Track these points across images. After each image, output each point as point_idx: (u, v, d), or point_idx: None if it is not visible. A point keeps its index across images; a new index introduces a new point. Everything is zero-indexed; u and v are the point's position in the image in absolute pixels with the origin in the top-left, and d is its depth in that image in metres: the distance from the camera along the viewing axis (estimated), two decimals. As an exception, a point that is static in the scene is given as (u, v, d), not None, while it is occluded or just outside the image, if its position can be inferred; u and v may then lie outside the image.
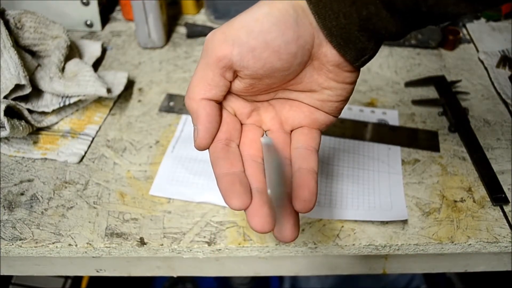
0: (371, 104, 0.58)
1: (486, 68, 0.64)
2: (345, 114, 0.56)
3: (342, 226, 0.43)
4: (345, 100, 0.30)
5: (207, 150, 0.29)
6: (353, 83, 0.29)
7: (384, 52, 0.67)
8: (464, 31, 0.72)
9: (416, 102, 0.58)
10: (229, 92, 0.29)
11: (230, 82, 0.28)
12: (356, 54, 0.26)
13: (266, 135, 0.31)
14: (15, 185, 0.46)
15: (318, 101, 0.30)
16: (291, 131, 0.31)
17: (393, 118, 0.56)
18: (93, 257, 0.42)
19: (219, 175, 0.27)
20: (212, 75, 0.27)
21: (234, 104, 0.30)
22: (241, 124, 0.31)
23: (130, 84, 0.60)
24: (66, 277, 0.79)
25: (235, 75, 0.28)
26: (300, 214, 0.27)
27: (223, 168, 0.27)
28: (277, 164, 0.26)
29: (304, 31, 0.26)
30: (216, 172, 0.27)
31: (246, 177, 0.27)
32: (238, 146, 0.29)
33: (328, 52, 0.27)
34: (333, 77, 0.28)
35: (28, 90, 0.50)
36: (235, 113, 0.30)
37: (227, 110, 0.30)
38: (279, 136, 0.30)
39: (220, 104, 0.29)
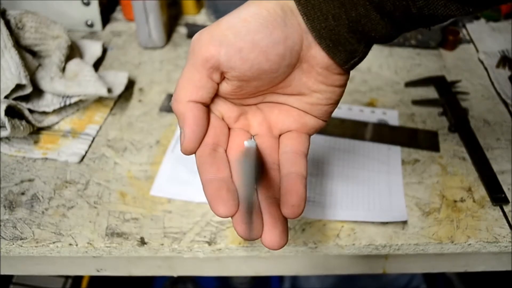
0: (371, 104, 0.58)
1: (486, 68, 0.64)
2: (345, 114, 0.56)
3: (342, 226, 0.43)
4: (335, 104, 0.29)
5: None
6: (343, 86, 0.28)
7: (384, 52, 0.67)
8: (464, 31, 0.72)
9: (416, 102, 0.58)
10: (216, 96, 0.28)
11: (218, 84, 0.27)
12: (346, 57, 0.26)
13: (253, 139, 0.30)
14: (16, 184, 0.46)
15: (307, 105, 0.29)
16: (280, 135, 0.30)
17: (393, 118, 0.56)
18: (94, 256, 0.42)
19: (205, 180, 0.26)
20: (199, 77, 0.26)
21: (222, 108, 0.29)
22: (229, 129, 0.30)
23: (130, 84, 0.60)
24: (67, 277, 0.79)
25: (223, 76, 0.27)
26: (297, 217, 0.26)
27: (209, 174, 0.26)
28: (253, 169, 0.25)
29: (292, 32, 0.25)
30: (202, 178, 0.26)
31: (233, 183, 0.26)
32: (225, 151, 0.29)
33: (317, 54, 0.26)
34: (322, 80, 0.27)
35: (29, 90, 0.50)
36: (223, 117, 0.30)
37: (214, 113, 0.29)
38: (267, 141, 0.30)
39: (207, 107, 0.28)
